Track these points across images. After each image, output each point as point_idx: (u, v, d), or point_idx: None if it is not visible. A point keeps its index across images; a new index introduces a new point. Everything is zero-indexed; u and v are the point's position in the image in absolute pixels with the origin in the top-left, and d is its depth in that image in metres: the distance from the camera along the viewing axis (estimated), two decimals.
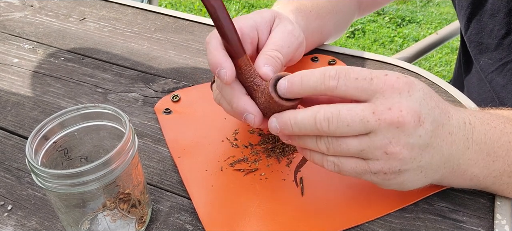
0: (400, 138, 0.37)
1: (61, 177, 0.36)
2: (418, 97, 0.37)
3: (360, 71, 0.37)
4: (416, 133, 0.37)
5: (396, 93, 0.36)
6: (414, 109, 0.36)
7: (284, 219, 0.44)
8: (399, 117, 0.36)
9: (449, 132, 0.39)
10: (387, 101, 0.36)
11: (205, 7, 0.41)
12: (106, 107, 0.41)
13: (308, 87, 0.38)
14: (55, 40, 0.75)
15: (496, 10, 0.58)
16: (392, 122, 0.36)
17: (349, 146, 0.38)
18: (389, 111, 0.36)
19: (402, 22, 2.51)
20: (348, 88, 0.37)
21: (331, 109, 0.37)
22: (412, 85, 0.37)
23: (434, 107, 0.38)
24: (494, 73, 0.61)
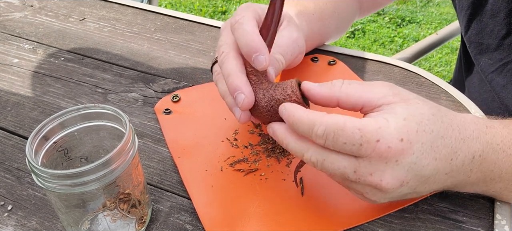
0: (377, 193, 0.38)
1: (61, 177, 0.36)
2: (407, 163, 0.36)
3: (350, 135, 0.35)
4: (395, 192, 0.38)
5: (382, 162, 0.36)
6: (397, 177, 0.36)
7: (284, 219, 0.44)
8: (378, 184, 0.37)
9: (445, 173, 0.38)
10: (371, 167, 0.36)
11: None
12: (106, 108, 0.41)
13: (298, 132, 0.39)
14: (55, 41, 0.75)
15: (497, 10, 0.58)
16: (371, 184, 0.37)
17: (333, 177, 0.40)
18: (370, 176, 0.37)
19: (402, 22, 2.51)
20: (335, 148, 0.37)
21: (317, 156, 0.38)
22: (404, 152, 0.36)
23: (428, 163, 0.37)
24: (494, 73, 0.61)
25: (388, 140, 0.35)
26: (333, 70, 0.64)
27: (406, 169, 0.36)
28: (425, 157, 0.36)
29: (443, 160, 0.37)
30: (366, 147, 0.35)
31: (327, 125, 0.36)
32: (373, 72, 0.64)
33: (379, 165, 0.36)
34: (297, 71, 0.63)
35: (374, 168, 0.36)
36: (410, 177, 0.37)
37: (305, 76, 0.63)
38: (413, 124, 0.36)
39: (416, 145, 0.36)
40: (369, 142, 0.35)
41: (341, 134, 0.36)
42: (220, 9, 2.65)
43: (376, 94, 0.38)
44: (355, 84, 0.39)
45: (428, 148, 0.36)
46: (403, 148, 0.35)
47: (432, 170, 0.37)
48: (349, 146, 0.36)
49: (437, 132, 0.37)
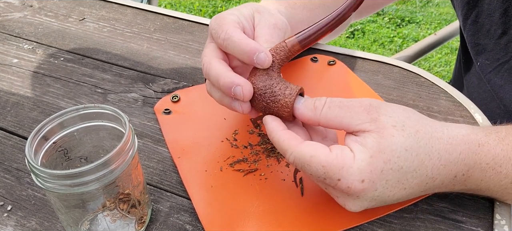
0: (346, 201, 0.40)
1: (61, 177, 0.36)
2: (369, 197, 0.38)
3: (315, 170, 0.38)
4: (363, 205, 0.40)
5: (344, 195, 0.39)
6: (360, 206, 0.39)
7: (284, 220, 0.44)
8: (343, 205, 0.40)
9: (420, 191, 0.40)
10: (336, 192, 0.40)
11: None
12: (105, 108, 0.41)
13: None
14: (54, 41, 0.75)
15: (492, 10, 0.58)
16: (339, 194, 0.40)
17: None
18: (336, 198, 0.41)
19: (402, 22, 2.52)
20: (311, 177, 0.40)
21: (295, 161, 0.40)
22: (364, 191, 0.37)
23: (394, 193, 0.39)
24: (492, 73, 0.61)
25: (348, 181, 0.37)
26: (332, 70, 0.64)
27: (368, 200, 0.39)
28: (390, 190, 0.38)
29: (415, 188, 0.39)
30: (329, 182, 0.38)
31: (296, 156, 0.39)
32: (372, 73, 0.64)
33: (342, 195, 0.39)
34: (297, 71, 0.63)
35: (338, 193, 0.40)
36: (375, 203, 0.39)
37: (304, 76, 0.63)
38: (380, 163, 0.36)
39: (379, 183, 0.37)
40: (331, 179, 0.38)
41: (307, 167, 0.38)
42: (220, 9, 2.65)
43: (354, 120, 0.39)
44: (335, 108, 0.40)
45: (394, 183, 0.38)
46: (364, 188, 0.37)
47: (401, 196, 0.39)
48: (315, 177, 0.39)
49: (406, 168, 0.37)
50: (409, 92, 0.60)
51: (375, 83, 0.62)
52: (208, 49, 0.48)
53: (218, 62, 0.45)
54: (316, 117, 0.41)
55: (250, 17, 0.50)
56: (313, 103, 0.41)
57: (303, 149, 0.39)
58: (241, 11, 0.50)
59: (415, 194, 0.40)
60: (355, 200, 0.39)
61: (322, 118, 0.40)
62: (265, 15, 0.51)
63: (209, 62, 0.46)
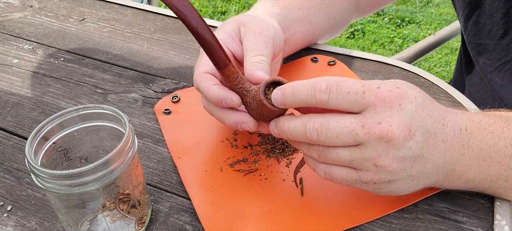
0: (390, 151, 0.37)
1: (61, 177, 0.36)
2: (410, 110, 0.37)
3: (352, 84, 0.37)
4: (406, 146, 0.37)
5: (387, 107, 0.36)
6: (404, 123, 0.37)
7: (284, 220, 0.44)
8: (389, 131, 0.36)
9: (442, 140, 0.39)
10: (378, 115, 0.36)
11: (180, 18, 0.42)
12: (105, 108, 0.41)
13: (300, 101, 0.39)
14: (54, 41, 0.75)
15: (494, 10, 0.58)
16: (382, 136, 0.36)
17: (339, 155, 0.38)
18: (379, 125, 0.36)
19: (402, 22, 2.52)
20: (339, 102, 0.37)
21: (320, 120, 0.38)
22: (404, 97, 0.37)
23: (426, 117, 0.38)
24: (493, 73, 0.61)
25: (387, 86, 0.37)
26: (332, 70, 0.64)
27: (410, 115, 0.37)
28: (422, 108, 0.38)
29: (437, 121, 0.39)
30: (369, 94, 0.36)
31: (329, 79, 0.37)
32: (372, 73, 0.64)
33: (385, 111, 0.36)
34: (297, 71, 0.63)
35: (380, 115, 0.36)
36: (415, 126, 0.37)
37: (304, 76, 0.63)
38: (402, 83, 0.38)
39: (411, 95, 0.38)
40: (370, 89, 0.36)
41: (344, 84, 0.37)
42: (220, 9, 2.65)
43: None
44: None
45: (421, 101, 0.38)
46: (402, 93, 0.37)
47: (431, 125, 0.38)
48: (353, 95, 0.36)
49: (423, 94, 0.39)
50: None
51: None
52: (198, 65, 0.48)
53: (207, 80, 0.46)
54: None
55: (235, 31, 0.51)
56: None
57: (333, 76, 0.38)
58: (225, 29, 0.51)
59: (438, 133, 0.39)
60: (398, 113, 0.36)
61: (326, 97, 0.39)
62: (251, 26, 0.50)
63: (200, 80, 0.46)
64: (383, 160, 0.37)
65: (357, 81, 0.37)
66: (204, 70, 0.47)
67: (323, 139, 0.38)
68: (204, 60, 0.47)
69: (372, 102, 0.36)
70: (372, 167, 0.38)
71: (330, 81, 0.37)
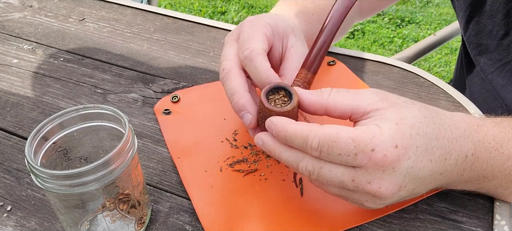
0: (376, 201, 0.38)
1: (61, 177, 0.36)
2: (404, 169, 0.36)
3: (344, 146, 0.35)
4: (394, 198, 0.38)
5: (379, 171, 0.36)
6: (395, 183, 0.36)
7: (284, 220, 0.44)
8: (377, 191, 0.36)
9: (440, 173, 0.39)
10: (369, 175, 0.36)
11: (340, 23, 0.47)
12: (105, 108, 0.41)
13: (293, 146, 0.39)
14: (54, 41, 0.75)
15: (495, 11, 0.58)
16: (369, 193, 0.37)
17: (330, 189, 0.39)
18: (368, 184, 0.36)
19: (402, 22, 2.52)
20: (330, 159, 0.37)
21: (313, 163, 0.38)
22: (400, 159, 0.35)
23: (425, 166, 0.37)
24: (494, 73, 0.61)
25: (383, 148, 0.35)
26: (332, 70, 0.64)
27: (403, 175, 0.36)
28: (421, 160, 0.36)
29: (438, 161, 0.38)
30: (361, 157, 0.35)
31: (320, 137, 0.36)
32: (372, 73, 0.64)
33: (377, 173, 0.36)
34: None
35: (371, 176, 0.36)
36: (408, 181, 0.37)
37: None
38: (407, 128, 0.36)
39: (411, 149, 0.36)
40: (364, 152, 0.35)
41: (335, 145, 0.35)
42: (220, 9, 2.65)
43: (365, 101, 0.38)
44: (343, 92, 0.39)
45: (423, 150, 0.36)
46: (399, 154, 0.35)
47: (428, 171, 0.37)
48: (344, 157, 0.36)
49: (430, 134, 0.37)
50: (409, 93, 0.60)
51: (375, 83, 0.62)
52: (231, 52, 0.47)
53: (237, 75, 0.45)
54: (324, 101, 0.39)
55: (285, 36, 0.49)
56: (319, 91, 0.40)
57: (326, 128, 0.36)
58: (278, 26, 0.49)
59: (436, 172, 0.38)
60: (391, 175, 0.36)
61: (331, 101, 0.39)
62: (299, 41, 0.50)
63: (229, 71, 0.45)
64: (370, 204, 0.39)
65: (350, 141, 0.35)
66: (263, 47, 0.45)
67: (314, 179, 0.38)
68: (260, 36, 0.45)
69: (364, 164, 0.36)
70: (360, 204, 0.39)
71: (321, 140, 0.36)
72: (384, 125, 0.36)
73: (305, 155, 0.38)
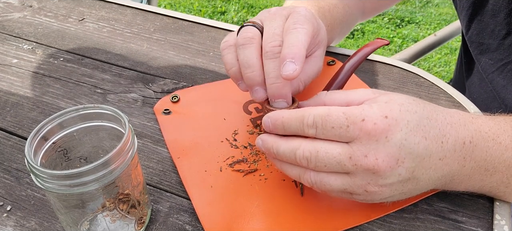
0: (378, 180, 0.38)
1: (61, 177, 0.36)
2: (397, 140, 0.37)
3: (336, 119, 0.37)
4: (393, 174, 0.38)
5: (373, 141, 0.37)
6: (391, 155, 0.37)
7: (284, 220, 0.44)
8: (375, 165, 0.37)
9: (439, 157, 0.39)
10: (364, 147, 0.37)
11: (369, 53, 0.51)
12: (105, 108, 0.41)
13: (290, 131, 0.40)
14: (54, 41, 0.74)
15: (497, 10, 0.58)
16: (368, 168, 0.37)
17: (331, 184, 0.39)
18: (365, 158, 0.37)
19: (401, 22, 2.52)
20: (326, 136, 0.38)
21: (309, 148, 0.39)
22: (391, 129, 0.36)
23: (419, 141, 0.37)
24: (495, 73, 0.61)
25: (373, 118, 0.37)
26: (332, 70, 0.64)
27: (398, 146, 0.37)
28: (414, 134, 0.37)
29: (433, 141, 0.38)
30: (353, 128, 0.37)
31: (315, 114, 0.38)
32: (372, 73, 0.64)
33: (371, 144, 0.37)
34: None
35: (366, 148, 0.37)
36: (404, 154, 0.37)
37: None
38: (396, 105, 0.38)
39: (402, 122, 0.37)
40: (355, 123, 0.37)
41: (328, 119, 0.37)
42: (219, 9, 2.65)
43: (359, 95, 0.41)
44: (338, 92, 0.43)
45: (414, 126, 0.37)
46: (389, 123, 0.37)
47: (424, 149, 0.38)
48: (337, 129, 0.37)
49: (421, 113, 0.38)
50: (408, 93, 0.60)
51: (375, 83, 0.62)
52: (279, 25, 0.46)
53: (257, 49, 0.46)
54: (321, 100, 0.42)
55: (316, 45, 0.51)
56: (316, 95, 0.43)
57: (319, 108, 0.39)
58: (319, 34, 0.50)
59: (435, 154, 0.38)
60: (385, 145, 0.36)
61: (328, 99, 0.42)
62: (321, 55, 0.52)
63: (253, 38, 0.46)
64: (373, 187, 0.38)
65: (341, 114, 0.37)
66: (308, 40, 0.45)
67: (313, 166, 0.39)
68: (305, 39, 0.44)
69: (357, 135, 0.37)
70: (363, 192, 0.39)
71: (315, 116, 0.38)
72: (373, 104, 0.38)
73: (301, 142, 0.39)
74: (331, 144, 0.38)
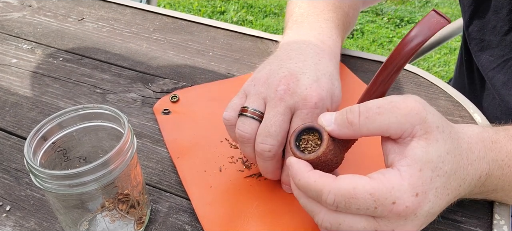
0: None
1: (60, 177, 0.36)
2: (425, 211, 0.35)
3: (363, 201, 0.34)
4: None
5: (402, 219, 0.35)
6: (417, 225, 0.36)
7: (283, 220, 0.44)
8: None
9: (454, 196, 0.38)
10: (392, 224, 0.35)
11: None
12: (104, 108, 0.41)
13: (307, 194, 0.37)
14: (53, 41, 0.74)
15: (500, 7, 0.58)
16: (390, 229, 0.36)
17: None
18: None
19: (401, 22, 2.52)
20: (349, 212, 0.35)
21: (331, 220, 0.36)
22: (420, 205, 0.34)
23: (443, 199, 0.36)
24: (495, 70, 0.61)
25: (404, 200, 0.34)
26: None
27: (424, 216, 0.35)
28: (440, 198, 0.36)
29: (454, 190, 0.37)
30: (381, 210, 0.34)
31: (336, 193, 0.34)
32: (372, 73, 0.64)
33: (399, 222, 0.35)
34: None
35: (394, 224, 0.35)
36: (429, 218, 0.36)
37: None
38: (429, 172, 0.35)
39: (431, 192, 0.35)
40: (384, 205, 0.34)
41: (353, 202, 0.34)
42: (219, 9, 2.65)
43: (404, 125, 0.35)
44: (375, 117, 0.36)
45: (441, 189, 0.36)
46: (419, 201, 0.34)
47: (445, 203, 0.37)
48: (363, 210, 0.34)
49: (449, 171, 0.36)
50: (408, 92, 0.60)
51: None
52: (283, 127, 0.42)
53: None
54: (356, 132, 0.36)
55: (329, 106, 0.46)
56: (345, 119, 0.37)
57: (342, 183, 0.34)
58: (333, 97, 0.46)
59: (451, 200, 0.37)
60: (413, 220, 0.35)
61: (364, 130, 0.36)
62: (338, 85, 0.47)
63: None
64: None
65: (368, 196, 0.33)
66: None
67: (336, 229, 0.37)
68: None
69: (385, 216, 0.34)
70: None
71: (337, 196, 0.34)
72: (407, 170, 0.34)
73: (322, 208, 0.36)
74: (355, 217, 0.36)
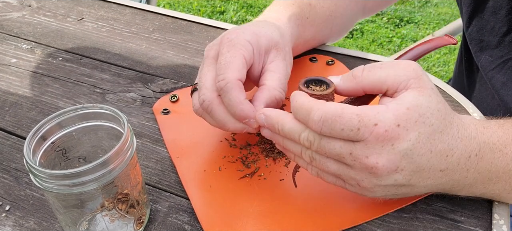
0: (372, 179, 0.38)
1: (59, 177, 0.36)
2: (402, 149, 0.36)
3: (348, 121, 0.36)
4: (390, 178, 0.38)
5: (378, 145, 0.36)
6: (392, 161, 0.37)
7: (283, 219, 0.44)
8: (373, 166, 0.37)
9: (440, 169, 0.39)
10: (368, 150, 0.37)
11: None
12: (104, 108, 0.41)
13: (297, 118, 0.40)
14: (53, 40, 0.74)
15: (498, 7, 0.58)
16: (366, 168, 0.37)
17: (328, 167, 0.40)
18: (366, 159, 0.37)
19: (401, 22, 2.52)
20: (331, 133, 0.37)
21: (314, 135, 0.38)
22: (399, 138, 0.36)
23: (424, 153, 0.37)
24: (495, 71, 0.61)
25: (385, 124, 0.36)
26: (331, 70, 0.64)
27: (401, 154, 0.37)
28: (421, 146, 0.37)
29: (438, 154, 0.38)
30: (363, 131, 0.36)
31: (324, 111, 0.37)
32: None
33: (376, 148, 0.36)
34: (296, 71, 0.63)
35: (370, 150, 0.37)
36: (405, 163, 0.37)
37: (303, 76, 0.63)
38: (415, 114, 0.37)
39: (412, 133, 0.36)
40: (367, 126, 0.36)
41: (339, 120, 0.36)
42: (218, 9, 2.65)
43: (400, 77, 0.38)
44: (376, 70, 0.39)
45: (424, 138, 0.37)
46: (400, 133, 0.36)
47: (426, 162, 0.38)
48: (347, 131, 0.36)
49: (436, 126, 0.37)
50: None
51: None
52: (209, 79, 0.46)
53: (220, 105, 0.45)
54: (359, 84, 0.40)
55: (266, 52, 0.49)
56: (350, 74, 0.40)
57: (332, 104, 0.37)
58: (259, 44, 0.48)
59: (436, 167, 0.38)
60: (389, 152, 0.36)
61: (365, 82, 0.39)
62: (279, 56, 0.49)
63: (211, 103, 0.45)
64: (366, 184, 0.39)
65: (354, 116, 0.36)
66: (238, 76, 0.44)
67: (315, 148, 0.39)
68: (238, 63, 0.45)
69: (365, 138, 0.36)
70: (356, 185, 0.40)
71: (324, 113, 0.37)
72: (393, 106, 0.37)
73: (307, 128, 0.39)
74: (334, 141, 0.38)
